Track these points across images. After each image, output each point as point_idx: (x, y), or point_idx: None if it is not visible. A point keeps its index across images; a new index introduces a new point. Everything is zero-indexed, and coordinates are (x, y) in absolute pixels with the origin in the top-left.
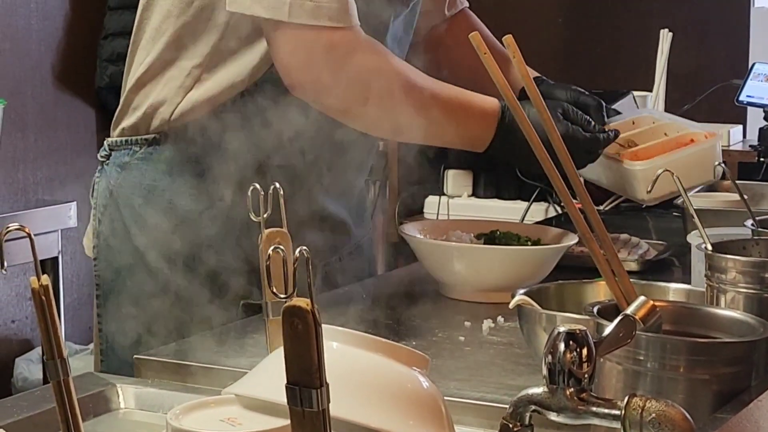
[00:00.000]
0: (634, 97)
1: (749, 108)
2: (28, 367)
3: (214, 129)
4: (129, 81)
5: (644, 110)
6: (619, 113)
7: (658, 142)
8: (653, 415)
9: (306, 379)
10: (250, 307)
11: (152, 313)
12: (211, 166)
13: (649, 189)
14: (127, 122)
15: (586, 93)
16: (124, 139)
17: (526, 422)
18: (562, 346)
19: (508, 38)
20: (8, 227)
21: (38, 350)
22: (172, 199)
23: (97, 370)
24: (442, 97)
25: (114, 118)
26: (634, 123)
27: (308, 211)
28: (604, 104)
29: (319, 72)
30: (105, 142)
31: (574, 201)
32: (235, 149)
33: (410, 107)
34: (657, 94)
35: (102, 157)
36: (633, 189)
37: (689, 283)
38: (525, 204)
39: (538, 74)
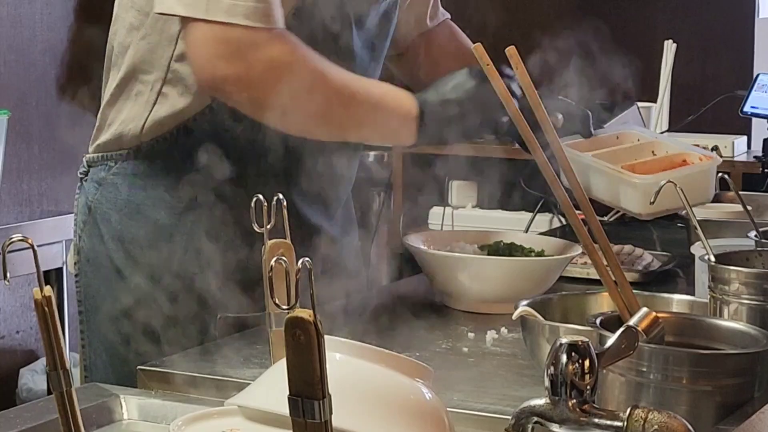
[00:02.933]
0: (638, 107)
1: (753, 119)
2: (33, 378)
3: (185, 142)
4: (103, 97)
5: (630, 125)
6: (602, 127)
7: (653, 160)
8: (655, 426)
9: (308, 390)
10: (227, 321)
11: (132, 329)
12: (184, 180)
13: (652, 200)
14: (102, 138)
15: (573, 103)
16: (100, 155)
17: None
18: (564, 358)
19: (510, 49)
20: (11, 238)
21: (43, 361)
22: (148, 214)
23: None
24: (358, 90)
25: (92, 135)
26: (618, 138)
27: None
28: (590, 115)
29: (228, 67)
30: (83, 159)
31: (577, 212)
32: (206, 161)
33: (323, 101)
34: (661, 105)
35: (81, 173)
36: (630, 201)
37: (693, 294)
38: (529, 215)
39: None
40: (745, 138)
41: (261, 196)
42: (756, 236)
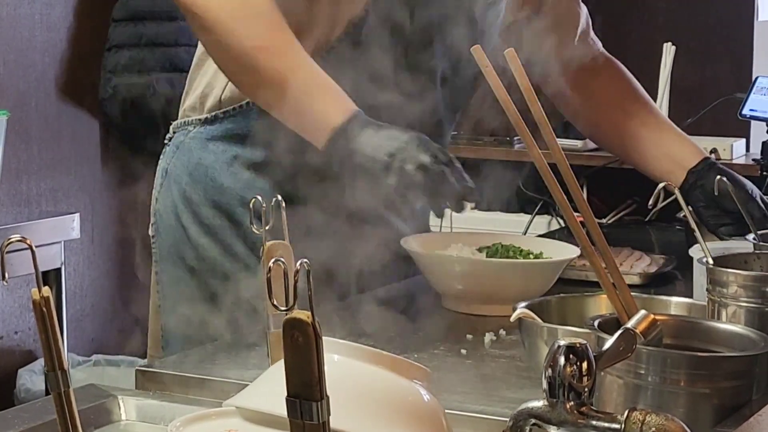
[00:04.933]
0: None
1: (752, 122)
2: (31, 378)
3: (261, 112)
4: (193, 60)
5: None
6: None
7: None
8: (653, 429)
9: (306, 391)
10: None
11: (199, 291)
12: (254, 150)
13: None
14: (188, 102)
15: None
16: (183, 120)
17: None
18: (562, 360)
19: (510, 52)
20: (10, 239)
21: (41, 361)
22: (214, 177)
23: (155, 351)
24: (299, 57)
25: (181, 99)
26: None
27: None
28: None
29: None
30: (170, 126)
31: (576, 214)
32: (276, 135)
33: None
34: (660, 108)
35: (167, 140)
36: None
37: (692, 296)
38: (528, 217)
39: None
40: (743, 141)
41: (259, 197)
42: (754, 239)
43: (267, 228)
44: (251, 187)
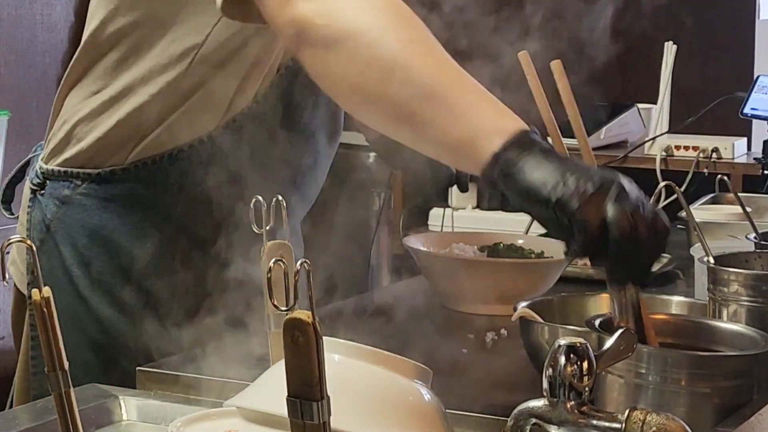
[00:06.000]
0: (638, 109)
1: (754, 121)
2: None
3: (173, 170)
4: (79, 111)
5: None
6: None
7: None
8: (654, 428)
9: (307, 391)
10: None
11: (94, 359)
12: (169, 210)
13: None
14: (68, 153)
15: None
16: (64, 170)
17: None
18: (562, 359)
19: (556, 63)
20: (10, 239)
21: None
22: (122, 243)
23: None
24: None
25: (52, 140)
26: None
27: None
28: None
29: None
30: (36, 169)
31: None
32: (197, 193)
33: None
34: (661, 107)
35: (34, 185)
36: None
37: (693, 295)
38: (529, 216)
39: None
40: (745, 140)
41: (260, 198)
42: (755, 238)
43: (267, 228)
44: (167, 252)
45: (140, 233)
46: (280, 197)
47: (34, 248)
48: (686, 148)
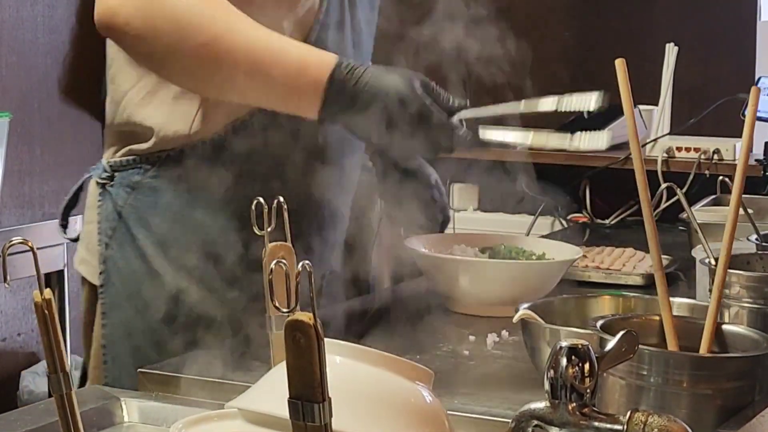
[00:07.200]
0: (640, 111)
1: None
2: (34, 380)
3: (232, 144)
4: (134, 97)
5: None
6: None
7: None
8: (655, 430)
9: (308, 393)
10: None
11: (172, 335)
12: (229, 183)
13: None
14: (135, 142)
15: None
16: (132, 158)
17: None
18: (564, 361)
19: (620, 61)
20: (11, 241)
21: (44, 363)
22: (194, 219)
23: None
24: (258, 40)
25: (113, 139)
26: None
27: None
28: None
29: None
30: (104, 163)
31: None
32: (253, 167)
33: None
34: (663, 108)
35: (102, 179)
36: None
37: (695, 297)
38: (531, 218)
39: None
40: None
41: (261, 199)
42: (757, 240)
43: (269, 230)
44: (232, 222)
45: (211, 208)
46: (281, 199)
47: (36, 250)
48: (687, 149)
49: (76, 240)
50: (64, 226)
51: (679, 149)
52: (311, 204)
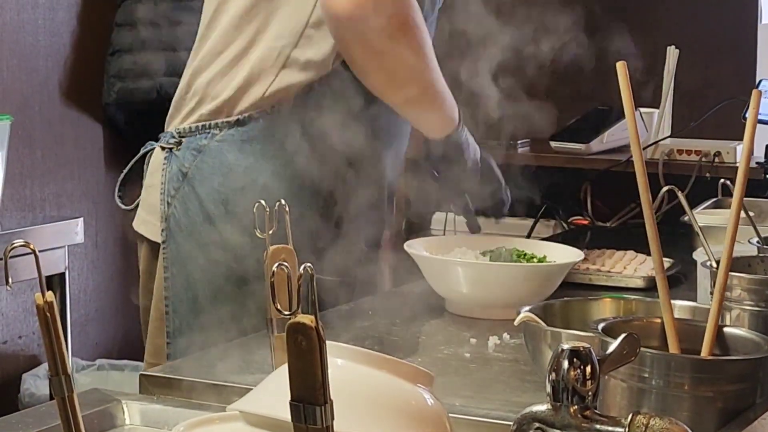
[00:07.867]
0: (641, 113)
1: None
2: (35, 383)
3: (301, 111)
4: (209, 70)
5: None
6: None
7: None
8: None
9: (310, 395)
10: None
11: (231, 290)
12: (296, 148)
13: None
14: (206, 109)
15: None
16: (201, 124)
17: None
18: (565, 364)
19: (621, 64)
20: (13, 244)
21: (45, 366)
22: (258, 179)
23: (155, 358)
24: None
25: (184, 107)
26: None
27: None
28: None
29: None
30: (172, 130)
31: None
32: (320, 133)
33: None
34: (664, 111)
35: (170, 143)
36: None
37: (696, 299)
38: (531, 220)
39: None
40: None
41: (263, 202)
42: (758, 242)
43: (270, 232)
44: (293, 183)
45: (275, 169)
46: (282, 201)
47: (37, 252)
48: (688, 152)
49: (133, 209)
50: (121, 197)
51: (680, 152)
52: (368, 179)
